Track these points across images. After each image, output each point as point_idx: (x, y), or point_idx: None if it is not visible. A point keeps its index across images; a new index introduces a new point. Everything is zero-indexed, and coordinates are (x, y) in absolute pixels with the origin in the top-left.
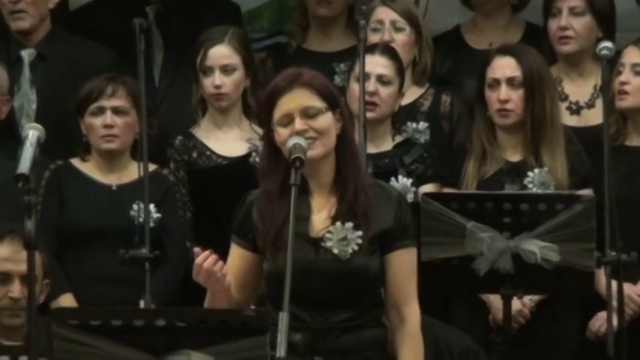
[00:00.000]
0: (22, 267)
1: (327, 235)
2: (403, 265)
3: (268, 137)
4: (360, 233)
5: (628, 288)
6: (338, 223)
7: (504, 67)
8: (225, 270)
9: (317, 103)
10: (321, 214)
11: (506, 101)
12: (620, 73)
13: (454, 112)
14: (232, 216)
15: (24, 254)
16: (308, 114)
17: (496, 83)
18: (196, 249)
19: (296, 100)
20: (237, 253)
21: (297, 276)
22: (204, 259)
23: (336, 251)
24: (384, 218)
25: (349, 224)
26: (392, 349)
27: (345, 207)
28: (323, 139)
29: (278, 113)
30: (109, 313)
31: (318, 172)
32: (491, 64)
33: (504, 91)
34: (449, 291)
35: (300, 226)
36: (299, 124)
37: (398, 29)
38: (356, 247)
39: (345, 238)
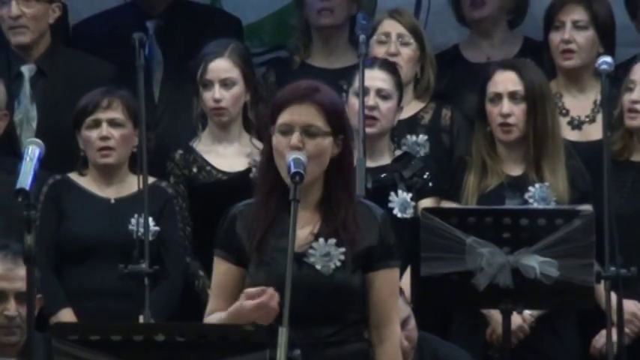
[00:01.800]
0: (17, 285)
1: (310, 251)
2: (385, 285)
3: (269, 144)
4: (342, 250)
5: (633, 305)
6: (321, 239)
7: (506, 81)
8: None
9: (321, 124)
10: (304, 230)
11: (508, 115)
12: (630, 90)
13: (454, 125)
14: (216, 230)
15: (17, 271)
16: (308, 132)
17: (498, 97)
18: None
19: (302, 115)
20: (221, 268)
21: (278, 290)
22: (270, 297)
23: (318, 267)
24: (368, 237)
25: (332, 240)
26: None
27: (330, 228)
28: (311, 162)
29: (281, 120)
30: (109, 328)
31: (305, 190)
32: (492, 78)
33: (506, 105)
34: (448, 306)
35: (283, 240)
36: (296, 138)
37: (404, 43)
38: (339, 264)
39: (327, 254)
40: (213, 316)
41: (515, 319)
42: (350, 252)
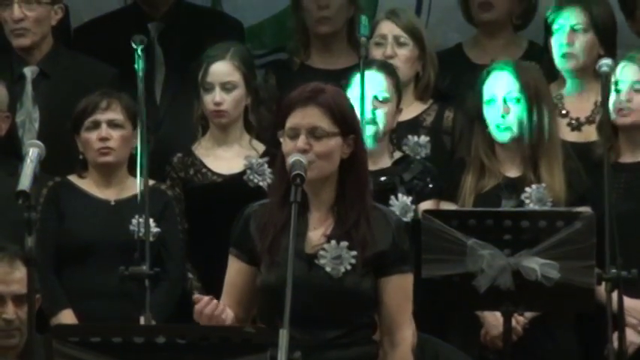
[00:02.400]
0: (14, 287)
1: (321, 253)
2: (398, 291)
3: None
4: (354, 253)
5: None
6: (333, 242)
7: (502, 82)
8: (227, 313)
9: (327, 125)
10: (317, 232)
11: (504, 116)
12: (618, 90)
13: (456, 127)
14: (231, 229)
15: (15, 274)
16: (314, 134)
17: (493, 99)
18: (196, 296)
19: (307, 117)
20: (235, 267)
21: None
22: (204, 305)
23: (328, 269)
24: (380, 241)
25: (344, 243)
26: None
27: (343, 230)
28: (321, 163)
29: (288, 124)
30: (109, 329)
31: (317, 191)
32: (488, 80)
33: (501, 107)
34: (449, 308)
35: (294, 241)
36: (302, 142)
37: (401, 44)
38: (349, 267)
39: (339, 257)
40: None
41: None
42: (361, 255)
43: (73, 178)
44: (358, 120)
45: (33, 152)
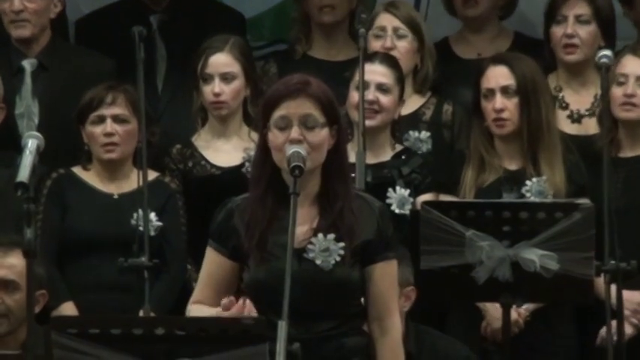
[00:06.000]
0: (2, 272)
1: (310, 246)
2: (385, 278)
3: (263, 140)
4: (342, 244)
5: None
6: (320, 235)
7: (498, 76)
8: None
9: (317, 116)
10: (303, 226)
11: (501, 110)
12: (621, 83)
13: (455, 121)
14: (211, 221)
15: (6, 260)
16: (307, 125)
17: (490, 93)
18: (224, 301)
19: (298, 108)
20: (214, 260)
21: (279, 286)
22: (239, 309)
23: (318, 262)
24: (365, 230)
25: (331, 235)
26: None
27: (329, 221)
28: (313, 154)
29: (277, 115)
30: (109, 321)
31: (304, 183)
32: (484, 74)
33: (499, 100)
34: (448, 299)
35: (282, 236)
36: (295, 132)
37: (400, 36)
38: (338, 259)
39: (327, 249)
40: (201, 308)
41: (511, 314)
42: (349, 245)
43: (77, 170)
44: (340, 110)
45: (32, 144)
